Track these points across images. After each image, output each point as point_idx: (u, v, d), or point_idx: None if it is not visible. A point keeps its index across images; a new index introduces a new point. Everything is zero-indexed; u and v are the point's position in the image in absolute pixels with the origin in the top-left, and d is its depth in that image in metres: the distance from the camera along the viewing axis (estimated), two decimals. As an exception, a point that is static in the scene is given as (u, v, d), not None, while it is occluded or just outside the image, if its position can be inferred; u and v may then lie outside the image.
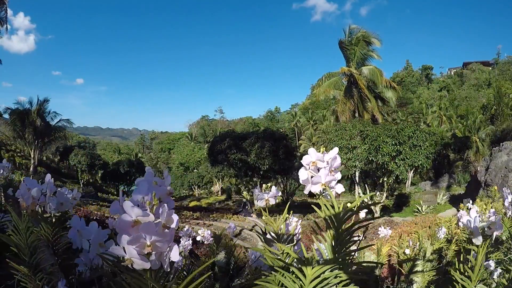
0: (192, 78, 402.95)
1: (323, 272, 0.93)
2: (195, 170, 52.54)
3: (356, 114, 21.06)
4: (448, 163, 27.07)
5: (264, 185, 1.46)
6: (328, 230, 0.99)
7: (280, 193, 1.50)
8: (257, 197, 1.40)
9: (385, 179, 15.01)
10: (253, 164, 18.30)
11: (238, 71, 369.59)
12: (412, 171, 20.09)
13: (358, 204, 0.96)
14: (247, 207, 25.34)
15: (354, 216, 0.99)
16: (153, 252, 0.67)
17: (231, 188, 40.79)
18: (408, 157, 13.91)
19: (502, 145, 17.63)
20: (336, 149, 1.14)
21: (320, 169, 1.11)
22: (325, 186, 1.09)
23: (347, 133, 14.54)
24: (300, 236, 1.54)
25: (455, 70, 59.81)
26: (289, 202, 5.91)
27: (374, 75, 19.13)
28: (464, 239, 2.49)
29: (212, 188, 48.99)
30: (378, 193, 16.00)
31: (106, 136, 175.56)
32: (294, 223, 1.52)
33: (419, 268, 2.45)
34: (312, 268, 0.94)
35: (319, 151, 1.12)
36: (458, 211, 2.18)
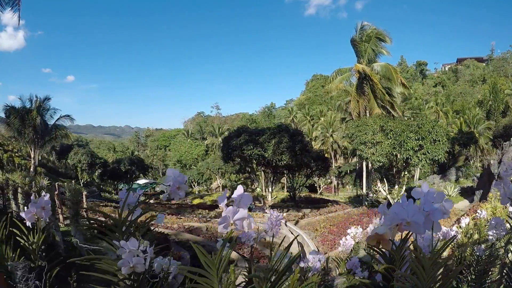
0: (184, 75, 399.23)
1: None
2: (193, 167, 52.21)
3: (367, 110, 21.39)
4: (453, 157, 27.83)
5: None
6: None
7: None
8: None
9: (406, 173, 15.34)
10: (270, 159, 18.40)
11: (231, 67, 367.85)
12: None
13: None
14: (255, 202, 25.43)
15: None
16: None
17: (233, 185, 40.78)
18: (429, 151, 14.27)
19: (514, 139, 18.32)
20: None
21: None
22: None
23: (369, 128, 14.77)
24: None
25: (449, 66, 60.92)
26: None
27: (388, 71, 19.43)
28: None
29: (211, 185, 48.86)
30: (396, 186, 16.37)
31: (98, 134, 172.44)
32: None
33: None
34: None
35: None
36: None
